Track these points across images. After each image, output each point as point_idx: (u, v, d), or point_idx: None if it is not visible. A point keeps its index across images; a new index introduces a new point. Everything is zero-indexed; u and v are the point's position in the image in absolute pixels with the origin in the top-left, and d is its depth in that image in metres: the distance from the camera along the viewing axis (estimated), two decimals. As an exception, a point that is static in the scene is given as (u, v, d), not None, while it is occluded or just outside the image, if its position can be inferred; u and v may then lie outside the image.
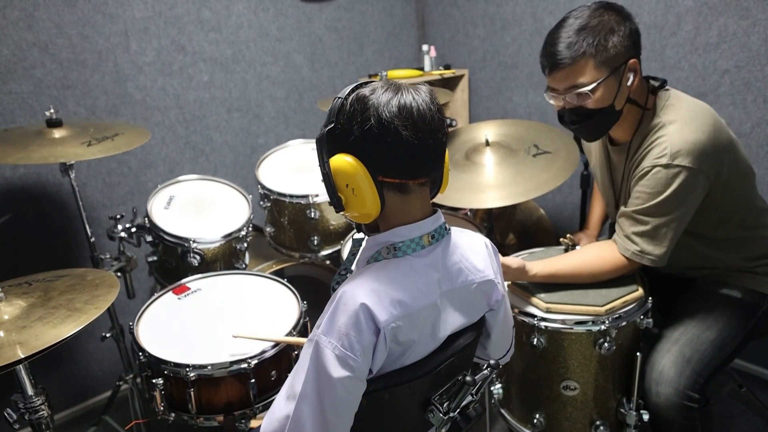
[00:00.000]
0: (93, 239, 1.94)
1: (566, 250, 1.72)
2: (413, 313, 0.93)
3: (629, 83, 1.38)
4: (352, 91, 0.94)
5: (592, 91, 1.36)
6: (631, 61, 1.37)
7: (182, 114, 2.37)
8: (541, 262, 1.50)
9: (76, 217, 2.14)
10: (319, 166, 0.97)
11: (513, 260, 1.46)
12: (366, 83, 0.96)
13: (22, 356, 1.06)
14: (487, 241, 1.11)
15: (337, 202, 0.96)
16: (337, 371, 0.87)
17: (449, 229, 1.04)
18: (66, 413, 2.28)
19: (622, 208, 1.46)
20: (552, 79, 1.41)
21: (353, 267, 1.07)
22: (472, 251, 1.05)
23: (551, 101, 1.47)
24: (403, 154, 0.91)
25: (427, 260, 0.98)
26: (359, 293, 0.90)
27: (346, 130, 0.92)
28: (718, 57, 2.02)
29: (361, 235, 1.05)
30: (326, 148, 0.95)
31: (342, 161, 0.92)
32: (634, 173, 1.44)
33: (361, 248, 1.04)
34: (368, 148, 0.91)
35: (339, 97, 0.94)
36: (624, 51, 1.35)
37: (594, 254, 1.51)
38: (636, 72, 1.38)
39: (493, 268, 1.08)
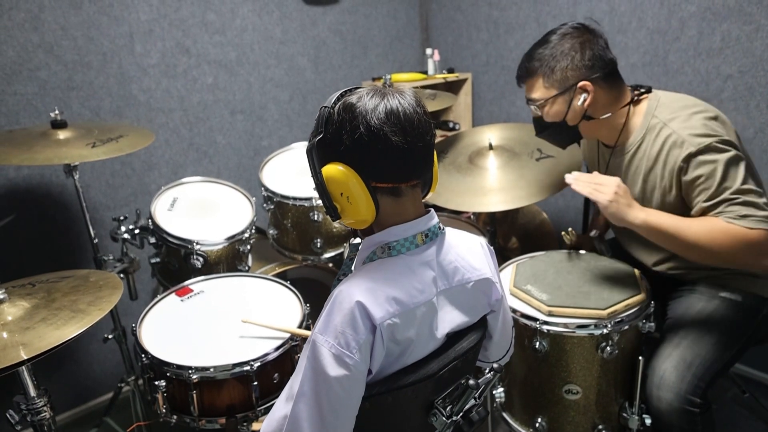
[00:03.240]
0: (96, 240, 1.94)
1: (569, 247, 1.72)
2: (409, 311, 0.93)
3: (581, 103, 1.49)
4: (338, 99, 0.95)
5: (540, 107, 1.54)
6: (581, 83, 1.47)
7: (186, 116, 2.38)
8: (657, 213, 1.40)
9: (79, 219, 2.14)
10: (312, 176, 0.98)
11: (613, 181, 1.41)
12: (351, 90, 0.97)
13: (26, 357, 1.07)
14: (483, 241, 1.11)
15: (333, 212, 0.97)
16: (334, 370, 0.87)
17: (443, 229, 1.04)
18: (67, 415, 2.28)
19: (701, 204, 1.37)
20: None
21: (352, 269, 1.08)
22: (468, 250, 1.06)
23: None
24: (394, 159, 0.92)
25: (421, 258, 0.98)
26: (354, 292, 0.90)
27: (335, 139, 0.93)
28: (721, 62, 2.02)
29: (358, 240, 1.06)
30: (317, 157, 0.96)
31: (335, 170, 0.92)
32: (648, 176, 1.48)
33: (358, 250, 1.05)
34: (359, 155, 0.92)
35: (325, 107, 0.95)
36: (574, 74, 1.47)
37: (714, 223, 1.35)
38: (589, 92, 1.48)
39: (490, 267, 1.08)
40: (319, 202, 1.87)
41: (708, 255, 1.36)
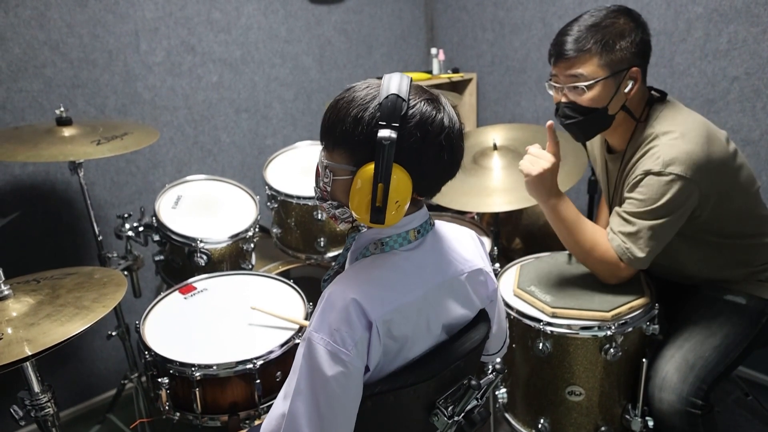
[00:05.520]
0: (100, 238, 1.95)
1: (570, 255, 1.72)
2: (404, 306, 0.93)
3: (627, 90, 1.39)
4: (415, 100, 0.90)
5: (589, 87, 1.37)
6: (634, 68, 1.37)
7: (191, 114, 2.39)
8: (565, 204, 1.48)
9: (84, 216, 2.15)
10: (376, 170, 0.87)
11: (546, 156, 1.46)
12: (430, 100, 0.93)
13: (30, 353, 1.07)
14: (473, 233, 1.12)
15: (381, 217, 0.89)
16: (329, 367, 0.87)
17: (434, 224, 1.05)
18: (71, 411, 2.28)
19: (616, 208, 1.46)
20: (555, 68, 1.43)
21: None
22: (459, 243, 1.06)
23: (550, 91, 1.49)
24: (441, 180, 0.96)
25: (414, 254, 0.99)
26: (348, 289, 0.90)
27: (407, 141, 0.88)
28: (727, 64, 2.01)
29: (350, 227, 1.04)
30: (390, 154, 0.86)
31: (404, 181, 0.89)
32: (627, 181, 1.45)
33: (351, 247, 1.05)
34: (425, 170, 0.91)
35: (402, 100, 0.87)
36: (629, 57, 1.36)
37: (600, 235, 1.46)
38: (636, 80, 1.39)
39: (482, 258, 1.09)
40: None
41: (581, 256, 1.49)
